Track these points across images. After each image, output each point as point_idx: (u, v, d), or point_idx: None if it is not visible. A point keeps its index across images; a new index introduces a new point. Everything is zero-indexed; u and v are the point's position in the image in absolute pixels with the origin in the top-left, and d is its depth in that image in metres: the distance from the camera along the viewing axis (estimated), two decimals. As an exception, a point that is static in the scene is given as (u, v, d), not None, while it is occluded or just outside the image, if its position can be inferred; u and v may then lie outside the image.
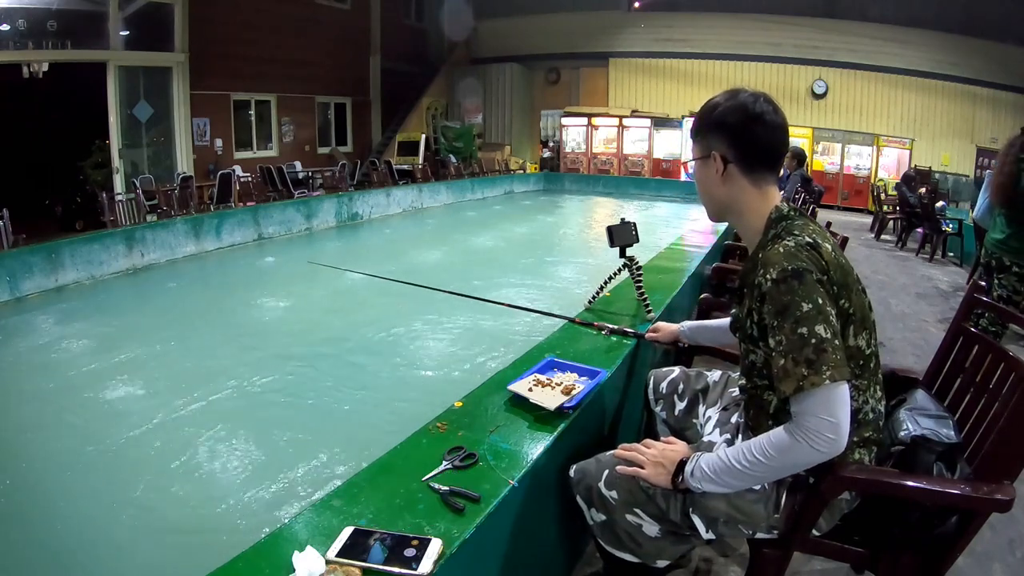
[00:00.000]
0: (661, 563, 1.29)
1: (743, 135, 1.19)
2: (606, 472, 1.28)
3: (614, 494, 1.26)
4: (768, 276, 1.09)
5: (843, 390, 1.04)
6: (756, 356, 1.21)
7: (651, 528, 1.25)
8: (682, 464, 1.19)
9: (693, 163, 1.29)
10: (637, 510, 1.25)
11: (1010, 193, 2.97)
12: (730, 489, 1.16)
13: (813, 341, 1.03)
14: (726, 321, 1.66)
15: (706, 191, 1.28)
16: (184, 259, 6.91)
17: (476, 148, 14.98)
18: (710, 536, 1.24)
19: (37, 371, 3.93)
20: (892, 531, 1.25)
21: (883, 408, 1.22)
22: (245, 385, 3.62)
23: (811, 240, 1.11)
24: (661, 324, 1.89)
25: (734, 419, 1.38)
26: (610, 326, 1.98)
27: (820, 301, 1.05)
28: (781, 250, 1.10)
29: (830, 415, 1.03)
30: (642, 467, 1.23)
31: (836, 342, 1.04)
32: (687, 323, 1.81)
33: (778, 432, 1.09)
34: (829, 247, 1.12)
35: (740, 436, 1.32)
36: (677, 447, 1.26)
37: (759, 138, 1.19)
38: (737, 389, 1.47)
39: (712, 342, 1.82)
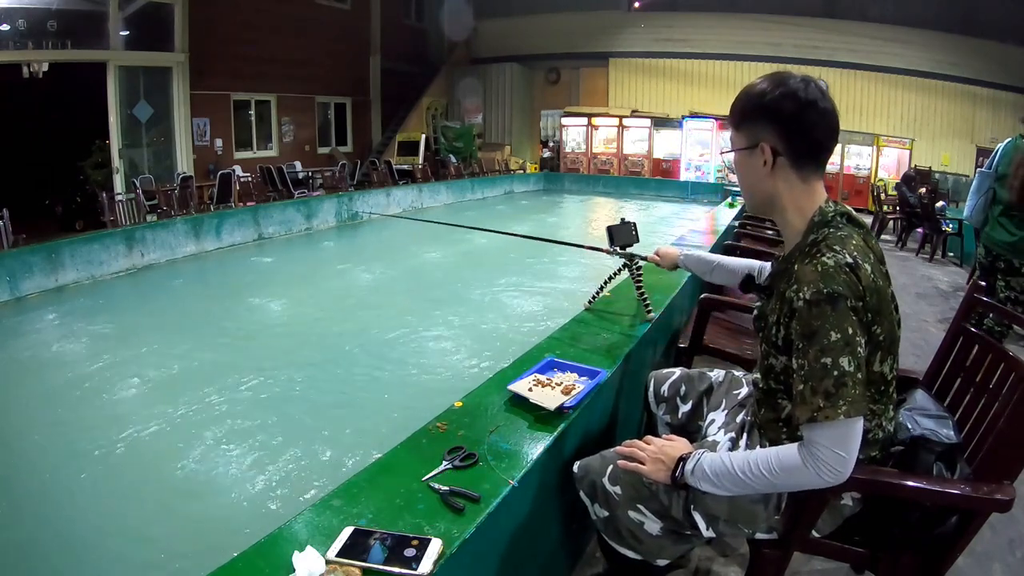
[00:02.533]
0: (661, 562, 1.30)
1: (795, 125, 1.10)
2: (610, 468, 1.29)
3: (617, 490, 1.27)
4: (801, 295, 1.04)
5: (857, 425, 1.03)
6: (776, 362, 1.19)
7: (653, 526, 1.26)
8: (682, 460, 1.19)
9: (732, 154, 1.20)
10: (640, 506, 1.26)
11: None
12: (727, 493, 1.16)
13: (835, 373, 1.01)
14: (727, 262, 1.67)
15: (750, 184, 1.20)
16: (184, 259, 6.91)
17: (476, 148, 14.98)
18: (710, 534, 1.24)
19: (37, 371, 3.94)
20: (892, 531, 1.25)
21: (893, 427, 1.22)
22: (245, 385, 3.62)
23: (851, 260, 1.04)
24: (663, 249, 1.94)
25: (739, 418, 1.38)
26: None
27: (850, 331, 1.01)
28: (819, 268, 1.04)
29: (841, 449, 1.02)
30: (642, 463, 1.23)
31: (859, 376, 1.02)
32: (690, 252, 1.85)
33: (788, 451, 1.08)
34: (868, 268, 1.06)
35: (745, 435, 1.32)
36: (677, 444, 1.26)
37: (813, 128, 1.10)
38: (742, 391, 1.46)
39: (706, 277, 1.80)
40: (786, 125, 1.11)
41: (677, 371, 1.64)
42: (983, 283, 1.61)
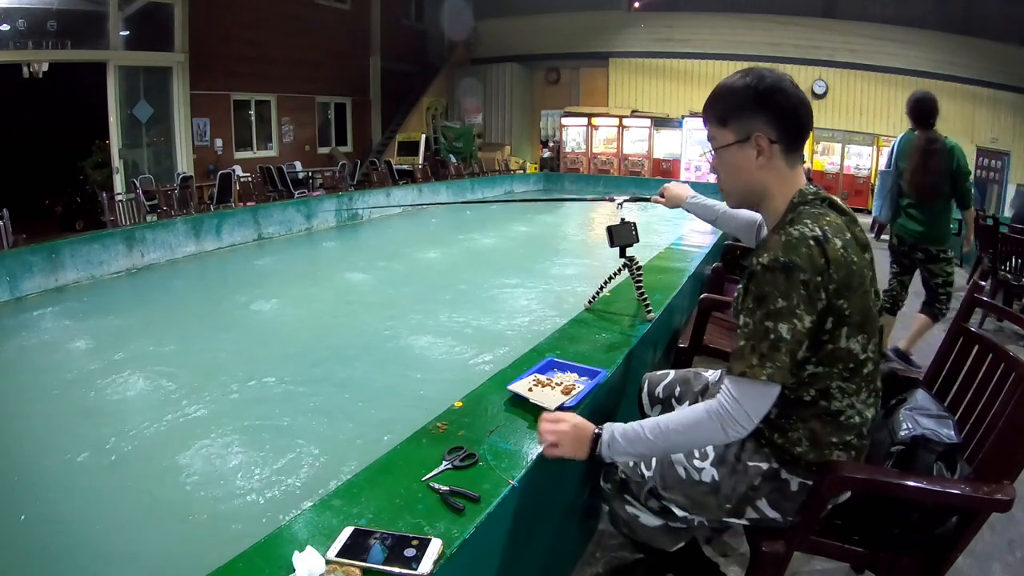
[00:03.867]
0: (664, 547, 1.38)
1: (787, 114, 1.14)
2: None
3: (609, 486, 1.37)
4: (759, 260, 1.08)
5: (773, 391, 1.07)
6: None
7: (648, 519, 1.33)
8: (597, 435, 1.21)
9: (717, 150, 1.21)
10: (627, 497, 1.35)
11: (927, 185, 3.17)
12: (642, 458, 1.22)
13: (772, 337, 1.05)
14: (732, 211, 1.65)
15: (739, 177, 1.20)
16: (184, 259, 6.91)
17: (476, 148, 14.98)
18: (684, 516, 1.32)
19: (37, 371, 3.94)
20: (892, 531, 1.25)
21: (873, 415, 1.20)
22: (245, 386, 3.62)
23: (819, 233, 1.06)
24: (672, 189, 1.90)
25: None
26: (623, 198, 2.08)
27: (795, 301, 1.04)
28: (783, 238, 1.08)
29: (750, 408, 1.06)
30: (562, 445, 1.22)
31: (792, 347, 1.05)
32: (697, 198, 1.83)
33: (698, 408, 1.11)
34: (839, 243, 1.07)
35: None
36: (585, 421, 1.25)
37: (800, 116, 1.15)
38: None
39: (712, 224, 1.81)
40: (779, 114, 1.15)
41: (671, 373, 1.65)
42: (983, 283, 1.61)
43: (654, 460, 1.30)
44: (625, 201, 2.09)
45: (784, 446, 1.18)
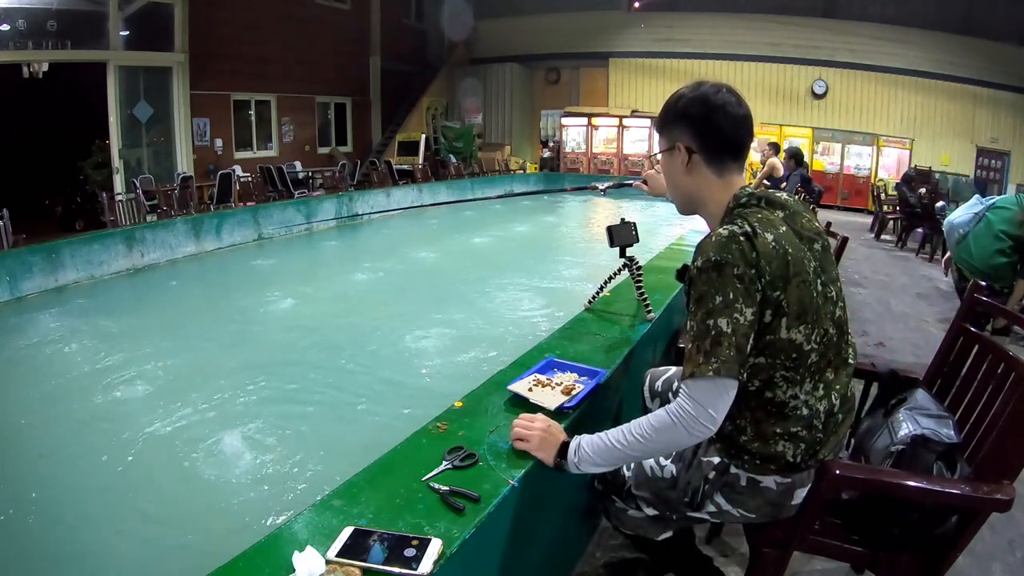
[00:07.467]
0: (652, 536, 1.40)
1: (706, 126, 1.20)
2: None
3: (597, 484, 1.42)
4: (696, 264, 1.12)
5: (726, 384, 1.07)
6: None
7: (634, 512, 1.36)
8: (565, 445, 1.21)
9: (660, 156, 1.31)
10: (613, 497, 1.39)
11: None
12: (611, 467, 1.21)
13: (713, 333, 1.06)
14: None
15: (672, 183, 1.29)
16: (184, 259, 6.90)
17: (476, 148, 14.98)
18: (654, 512, 1.35)
19: (37, 371, 3.93)
20: (892, 531, 1.25)
21: (825, 408, 1.17)
22: (245, 387, 3.62)
23: (749, 229, 1.09)
24: (654, 176, 1.95)
25: None
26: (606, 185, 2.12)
27: (731, 296, 1.06)
28: (714, 239, 1.11)
29: (709, 405, 1.06)
30: (530, 441, 1.24)
31: (734, 339, 1.06)
32: None
33: (660, 413, 1.12)
34: (770, 237, 1.09)
35: None
36: (560, 429, 1.27)
37: (721, 128, 1.19)
38: None
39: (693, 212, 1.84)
40: (697, 126, 1.21)
41: (673, 368, 1.67)
42: (983, 283, 1.62)
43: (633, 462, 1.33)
44: (609, 187, 2.11)
45: (732, 434, 1.20)
